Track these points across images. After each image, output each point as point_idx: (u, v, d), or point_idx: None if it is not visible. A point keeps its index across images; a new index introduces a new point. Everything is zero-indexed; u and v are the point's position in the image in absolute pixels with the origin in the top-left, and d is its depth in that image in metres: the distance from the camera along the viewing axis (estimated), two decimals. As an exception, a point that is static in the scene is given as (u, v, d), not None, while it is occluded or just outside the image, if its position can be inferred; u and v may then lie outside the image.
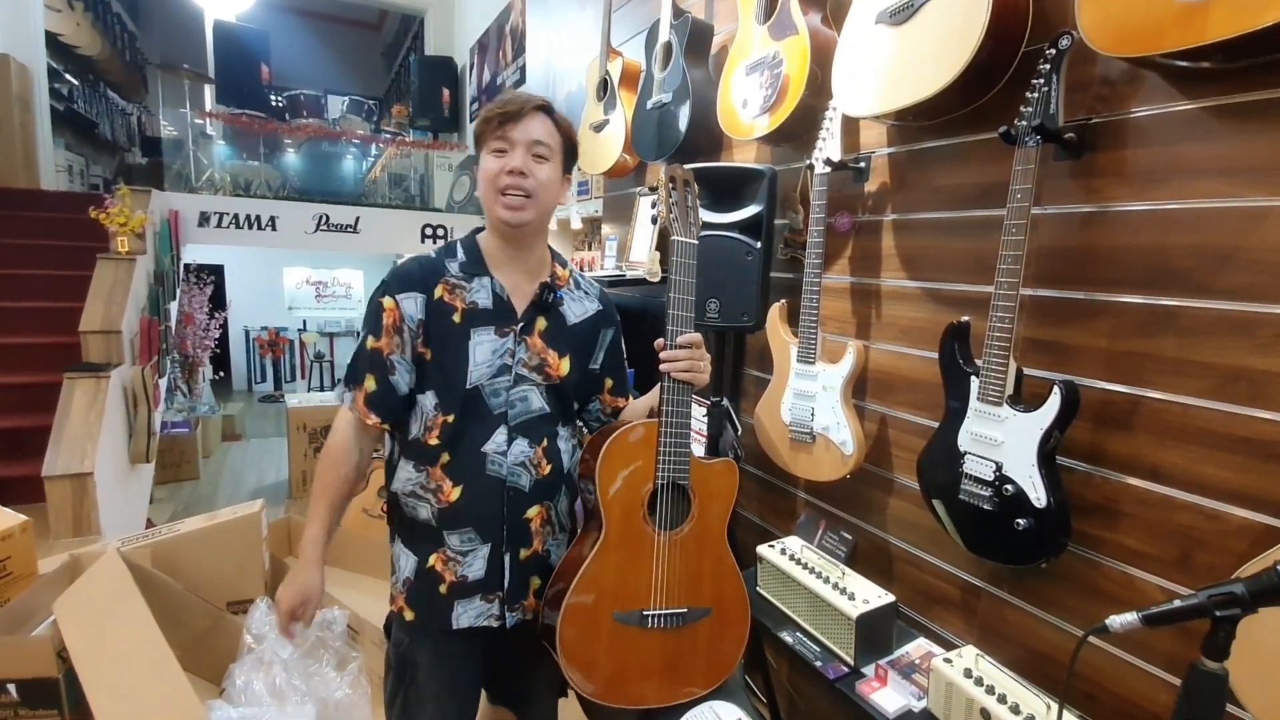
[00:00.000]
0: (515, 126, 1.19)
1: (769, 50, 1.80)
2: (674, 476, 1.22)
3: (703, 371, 1.22)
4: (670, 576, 1.24)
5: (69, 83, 6.58)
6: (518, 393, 1.25)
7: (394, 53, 10.43)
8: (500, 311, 1.25)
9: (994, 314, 1.24)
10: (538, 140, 1.20)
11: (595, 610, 1.21)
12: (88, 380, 3.21)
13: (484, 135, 1.21)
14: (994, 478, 1.27)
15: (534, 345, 1.26)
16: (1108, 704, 1.24)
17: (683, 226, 1.24)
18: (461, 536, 1.24)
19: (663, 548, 1.23)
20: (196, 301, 5.67)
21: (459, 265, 1.25)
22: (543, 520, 1.29)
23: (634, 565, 1.23)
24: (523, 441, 1.24)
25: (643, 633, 1.23)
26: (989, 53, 1.24)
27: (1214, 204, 1.10)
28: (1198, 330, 1.12)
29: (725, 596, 1.30)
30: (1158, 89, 1.16)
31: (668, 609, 1.24)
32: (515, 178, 1.18)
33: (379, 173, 6.78)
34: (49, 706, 1.61)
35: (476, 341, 1.22)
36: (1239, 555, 1.06)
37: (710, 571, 1.29)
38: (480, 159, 1.23)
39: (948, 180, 1.52)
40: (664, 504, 1.23)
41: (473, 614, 1.25)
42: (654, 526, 1.23)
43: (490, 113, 1.20)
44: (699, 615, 1.27)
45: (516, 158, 1.18)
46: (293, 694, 1.83)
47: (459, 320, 1.22)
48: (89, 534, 2.86)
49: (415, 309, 1.21)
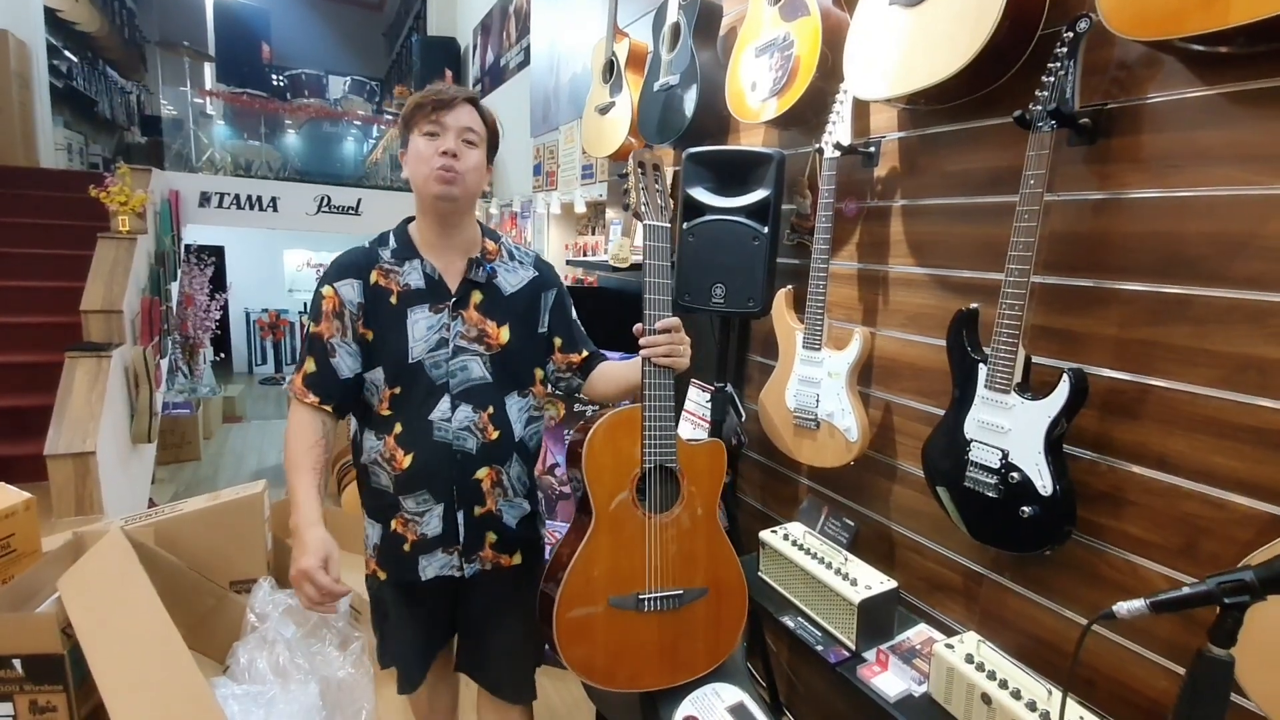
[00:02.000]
0: (448, 113, 1.26)
1: (780, 32, 1.78)
2: (661, 459, 1.24)
3: (682, 355, 1.24)
4: (664, 559, 1.26)
5: (68, 60, 6.51)
6: (457, 363, 1.33)
7: (396, 33, 10.31)
8: (433, 290, 1.33)
9: (1004, 301, 1.23)
10: (468, 127, 1.28)
11: (590, 597, 1.23)
12: (89, 360, 3.20)
13: (415, 119, 1.28)
14: (1000, 465, 1.27)
15: (470, 318, 1.34)
16: (1107, 690, 1.24)
17: (653, 210, 1.26)
18: (417, 499, 1.33)
19: (654, 530, 1.25)
20: (197, 282, 5.66)
21: (390, 251, 1.34)
22: (493, 482, 1.36)
23: (626, 550, 1.24)
24: (466, 408, 1.33)
25: (640, 616, 1.25)
26: (1005, 35, 1.22)
27: (1230, 191, 1.08)
28: (1209, 319, 1.11)
29: (721, 576, 1.32)
30: (1176, 74, 1.14)
31: (663, 591, 1.26)
32: (447, 158, 1.25)
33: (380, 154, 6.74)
34: (54, 682, 1.62)
35: (413, 320, 1.31)
36: (1244, 544, 1.06)
37: (704, 552, 1.30)
38: (410, 142, 1.29)
39: (959, 165, 1.51)
40: (652, 487, 1.24)
41: (437, 565, 1.37)
42: (644, 510, 1.24)
43: (424, 99, 1.27)
44: (695, 596, 1.29)
45: (449, 140, 1.26)
46: (296, 673, 1.84)
47: (395, 301, 1.31)
48: (91, 513, 2.87)
49: (353, 293, 1.30)
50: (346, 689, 1.89)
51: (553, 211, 3.82)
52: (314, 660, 1.91)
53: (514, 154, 5.30)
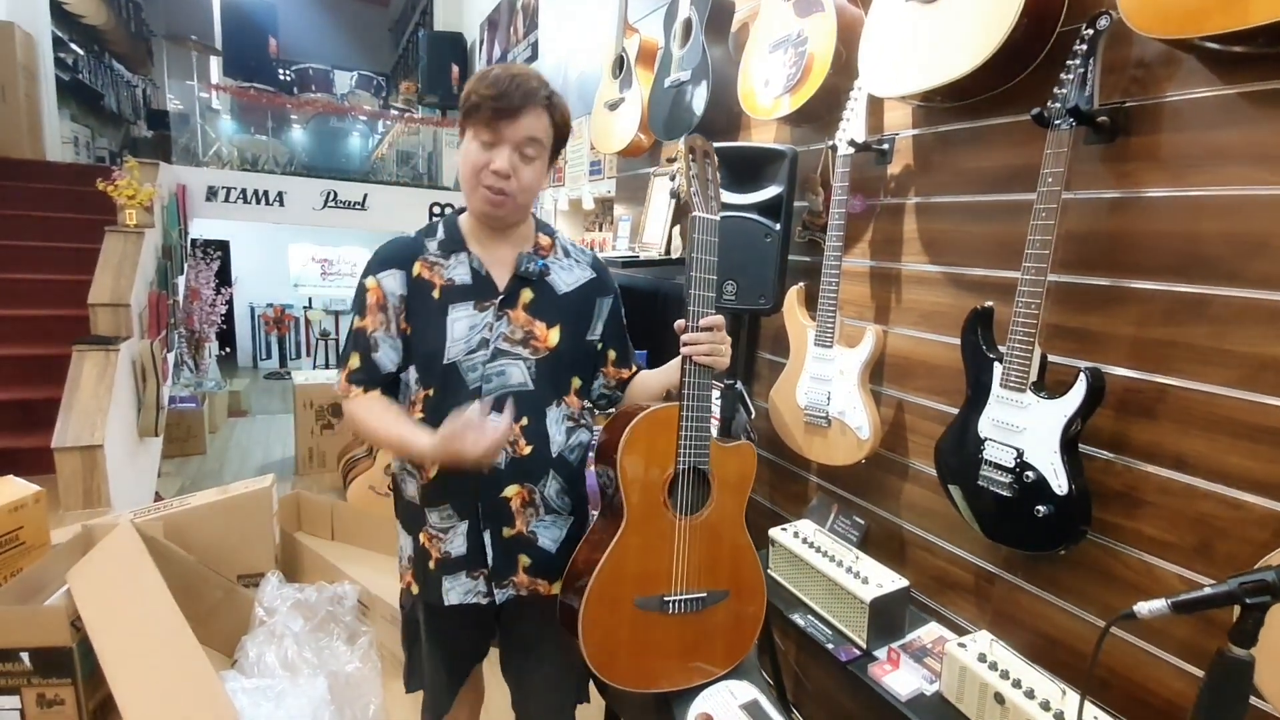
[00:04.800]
0: (509, 124, 1.13)
1: (794, 28, 1.77)
2: (695, 461, 1.20)
3: (724, 355, 1.19)
4: (690, 561, 1.22)
5: (74, 53, 6.52)
6: (494, 367, 1.22)
7: (402, 28, 10.31)
8: (479, 286, 1.23)
9: (1020, 299, 1.23)
10: (530, 138, 1.16)
11: (617, 598, 1.19)
12: (97, 353, 3.21)
13: (472, 119, 1.16)
14: (1014, 464, 1.26)
15: (517, 318, 1.24)
16: (1122, 690, 1.24)
17: (703, 201, 1.19)
18: (441, 513, 1.25)
19: (684, 533, 1.22)
20: (203, 277, 5.66)
21: (437, 243, 1.25)
22: (524, 502, 1.25)
23: (655, 551, 1.21)
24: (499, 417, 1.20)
25: (663, 618, 1.22)
26: (1023, 32, 1.21)
27: (1250, 191, 1.08)
28: (1227, 319, 1.10)
29: (742, 577, 1.30)
30: (1195, 73, 1.14)
31: (688, 594, 1.23)
32: (497, 179, 1.15)
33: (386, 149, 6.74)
34: (62, 675, 1.62)
35: (454, 317, 1.21)
36: (1261, 545, 1.05)
37: (729, 554, 1.28)
38: (465, 137, 1.18)
39: (974, 163, 1.50)
40: (685, 489, 1.21)
41: (460, 590, 1.26)
42: (674, 512, 1.21)
43: (482, 98, 1.12)
44: (718, 598, 1.26)
45: (503, 158, 1.14)
46: (304, 666, 1.85)
47: (437, 296, 1.22)
48: (99, 506, 2.88)
49: (396, 285, 1.22)
50: (355, 683, 1.90)
51: (560, 208, 3.82)
52: (322, 654, 1.92)
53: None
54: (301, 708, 1.69)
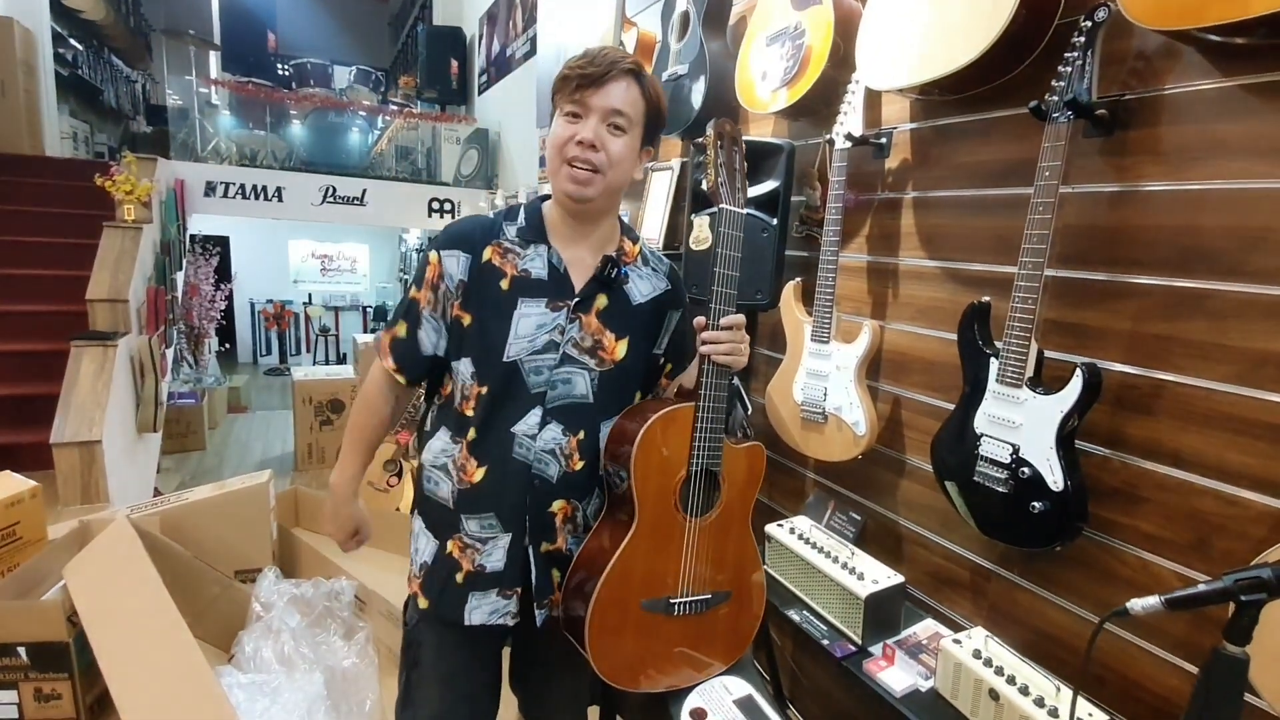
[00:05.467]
0: (595, 92, 1.07)
1: (791, 21, 1.76)
2: (708, 463, 1.16)
3: (743, 355, 1.14)
4: (698, 563, 1.20)
5: (73, 48, 6.51)
6: (561, 374, 1.15)
7: (401, 22, 10.28)
8: (555, 284, 1.15)
9: (1016, 294, 1.22)
10: (616, 109, 1.08)
11: (623, 600, 1.16)
12: (95, 349, 3.20)
13: (559, 94, 1.10)
14: (1010, 460, 1.26)
15: (589, 325, 1.16)
16: (1116, 687, 1.24)
17: (730, 193, 1.11)
18: (481, 522, 1.16)
19: (693, 535, 1.19)
20: (202, 272, 5.67)
21: (516, 230, 1.17)
22: (566, 517, 1.20)
23: (663, 553, 1.19)
24: (557, 428, 1.15)
25: (667, 619, 1.20)
26: (1022, 24, 1.20)
27: (1250, 184, 1.07)
28: (1226, 313, 1.10)
29: (745, 578, 1.28)
30: (1195, 65, 1.13)
31: (694, 596, 1.21)
32: (584, 150, 1.07)
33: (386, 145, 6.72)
34: (59, 670, 1.62)
35: (523, 313, 1.13)
36: (1258, 541, 1.05)
37: (734, 555, 1.26)
38: (552, 120, 1.13)
39: (972, 157, 1.49)
40: (696, 491, 1.17)
41: (486, 610, 1.18)
42: (684, 514, 1.18)
43: (570, 70, 1.08)
44: (722, 599, 1.25)
45: (589, 127, 1.07)
46: (301, 662, 1.85)
47: (506, 287, 1.14)
48: (97, 501, 2.88)
49: (457, 268, 1.14)
50: (351, 678, 1.89)
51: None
52: (319, 650, 1.92)
53: (519, 145, 5.29)
54: (298, 703, 1.69)
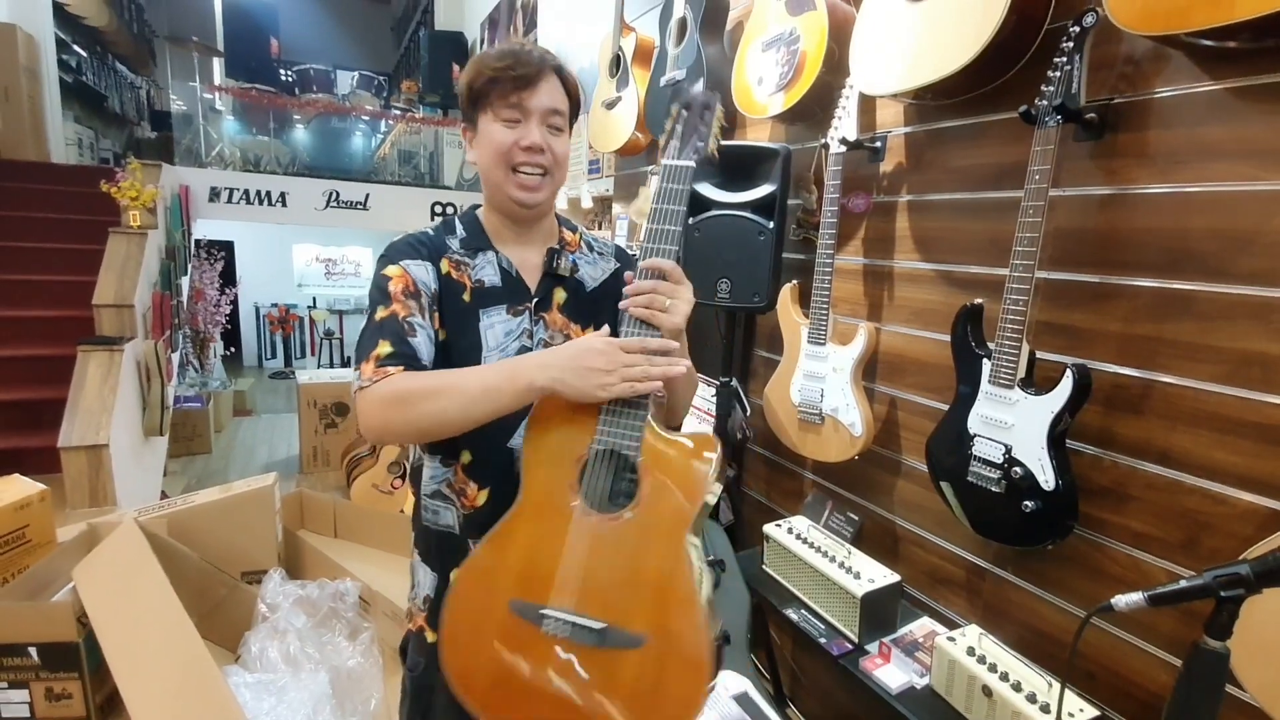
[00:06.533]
0: (531, 94, 1.02)
1: (786, 26, 1.78)
2: (615, 444, 0.93)
3: (672, 312, 0.95)
4: (586, 572, 0.91)
5: (77, 54, 6.55)
6: None
7: (403, 27, 10.31)
8: (511, 288, 1.11)
9: (1008, 296, 1.24)
10: (554, 109, 1.05)
11: (491, 590, 0.95)
12: (101, 353, 3.24)
13: (488, 98, 1.03)
14: (1003, 460, 1.27)
15: (554, 321, 1.12)
16: (1107, 683, 1.25)
17: (679, 148, 0.98)
18: None
19: (583, 531, 0.92)
20: (207, 277, 5.70)
21: (460, 241, 1.12)
22: None
23: (545, 546, 0.93)
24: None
25: (540, 638, 0.92)
26: (1011, 30, 1.22)
27: (1237, 187, 1.08)
28: (1214, 315, 1.11)
29: (672, 628, 0.89)
30: (1182, 69, 1.14)
31: (575, 615, 0.91)
32: (532, 154, 1.03)
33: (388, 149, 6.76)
34: (69, 670, 1.65)
35: (488, 323, 1.09)
36: (1245, 539, 1.06)
37: (653, 584, 0.91)
38: (480, 125, 1.06)
39: (965, 160, 1.51)
40: (595, 475, 0.94)
41: None
42: (582, 501, 0.93)
43: (498, 72, 1.01)
44: (623, 641, 0.90)
45: (534, 132, 1.03)
46: (306, 662, 1.87)
47: (469, 299, 1.09)
48: (105, 504, 2.91)
49: (428, 276, 1.06)
50: (356, 678, 1.92)
51: (559, 206, 3.83)
52: (324, 650, 1.94)
53: (521, 148, 5.30)
54: (303, 702, 1.71)
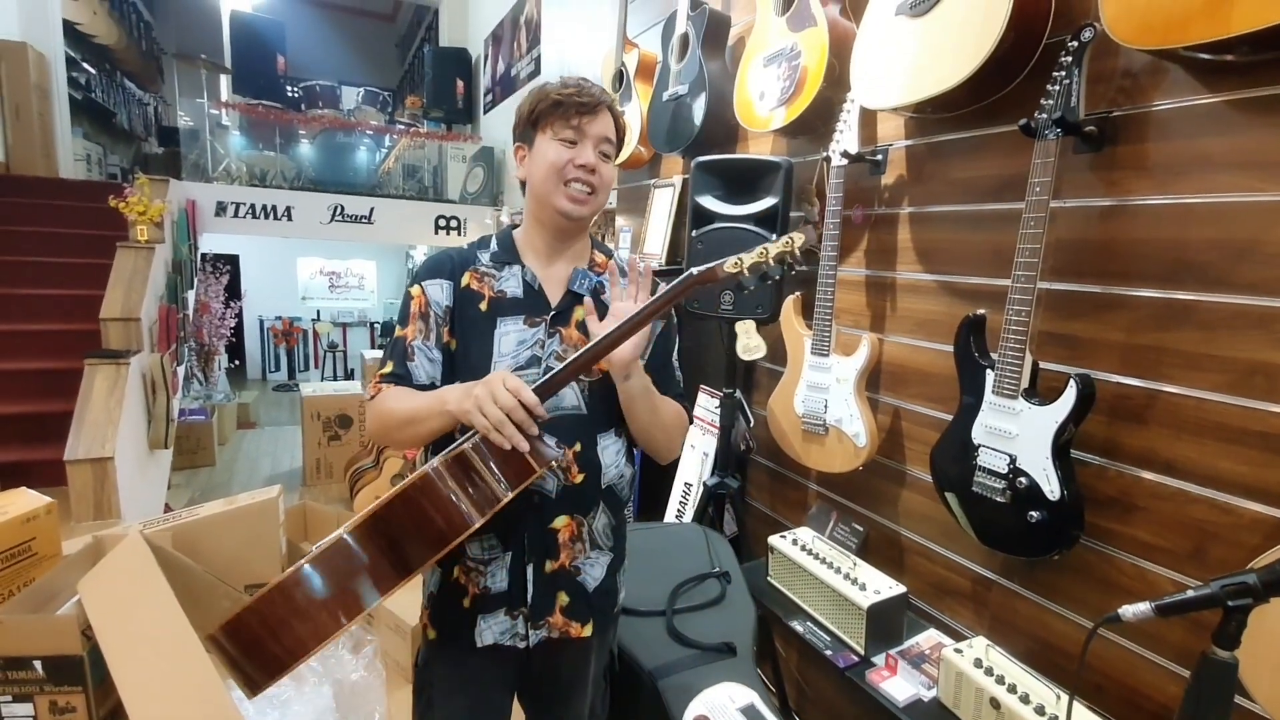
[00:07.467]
0: (591, 120, 1.13)
1: (787, 42, 1.80)
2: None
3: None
4: None
5: (86, 72, 6.64)
6: None
7: (408, 44, 10.45)
8: (531, 300, 1.17)
9: (1010, 307, 1.24)
10: (607, 137, 1.16)
11: None
12: (108, 366, 3.26)
13: (549, 120, 1.13)
14: (1008, 470, 1.28)
15: (569, 337, 1.16)
16: (1116, 695, 1.24)
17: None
18: (483, 544, 1.15)
19: None
20: (213, 290, 5.74)
21: (490, 255, 1.21)
22: (572, 535, 1.16)
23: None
24: (550, 441, 1.10)
25: None
26: (1010, 45, 1.24)
27: (1235, 198, 1.09)
28: (1216, 324, 1.12)
29: None
30: (1180, 82, 1.16)
31: None
32: (584, 172, 1.13)
33: (393, 164, 6.81)
34: (73, 683, 1.65)
35: (503, 331, 1.15)
36: (1252, 549, 1.06)
37: None
38: (537, 144, 1.15)
39: (965, 173, 1.52)
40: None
41: (496, 630, 1.16)
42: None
43: (564, 97, 1.12)
44: None
45: (588, 153, 1.13)
46: (309, 675, 1.87)
47: (485, 309, 1.16)
48: (110, 517, 2.91)
49: (442, 295, 1.17)
50: (359, 691, 1.91)
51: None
52: (327, 663, 1.94)
53: (524, 162, 5.34)
54: (307, 715, 1.71)
